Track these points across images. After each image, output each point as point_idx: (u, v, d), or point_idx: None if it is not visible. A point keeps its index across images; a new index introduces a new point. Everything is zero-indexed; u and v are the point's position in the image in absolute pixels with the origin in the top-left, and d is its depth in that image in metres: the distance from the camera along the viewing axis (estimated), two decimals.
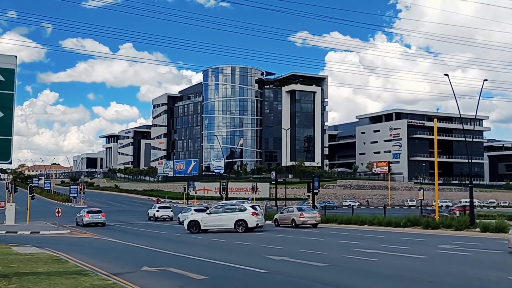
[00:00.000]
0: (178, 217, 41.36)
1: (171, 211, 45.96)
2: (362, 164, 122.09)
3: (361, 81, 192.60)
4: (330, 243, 22.41)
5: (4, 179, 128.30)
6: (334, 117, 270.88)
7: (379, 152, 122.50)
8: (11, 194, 47.83)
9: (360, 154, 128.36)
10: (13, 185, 48.42)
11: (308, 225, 33.27)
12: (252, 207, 29.26)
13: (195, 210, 39.62)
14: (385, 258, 16.32)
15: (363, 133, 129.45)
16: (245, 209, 28.09)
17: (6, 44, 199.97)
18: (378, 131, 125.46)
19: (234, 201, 37.42)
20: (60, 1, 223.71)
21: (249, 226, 27.38)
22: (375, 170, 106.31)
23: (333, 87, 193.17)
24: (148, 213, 47.85)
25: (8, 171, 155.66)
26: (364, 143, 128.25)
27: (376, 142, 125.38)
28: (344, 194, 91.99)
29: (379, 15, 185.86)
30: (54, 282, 11.00)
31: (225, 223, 27.71)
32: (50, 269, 13.37)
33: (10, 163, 11.94)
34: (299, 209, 34.92)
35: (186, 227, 28.10)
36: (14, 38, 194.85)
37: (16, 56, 11.80)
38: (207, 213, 28.55)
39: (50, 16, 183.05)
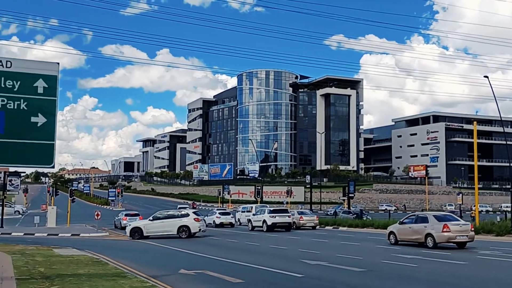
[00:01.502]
0: (204, 220, 41.46)
1: (232, 216, 42.39)
2: (398, 168, 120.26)
3: (398, 84, 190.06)
4: (367, 248, 22.14)
5: (46, 183, 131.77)
6: (369, 121, 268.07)
7: (416, 156, 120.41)
8: (52, 197, 49.10)
9: (397, 157, 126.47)
10: (54, 189, 49.70)
11: (308, 227, 35.91)
12: (195, 213, 29.21)
13: (219, 213, 41.77)
14: (425, 263, 16.03)
15: (399, 136, 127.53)
16: (188, 215, 27.99)
17: (48, 51, 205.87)
18: (415, 134, 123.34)
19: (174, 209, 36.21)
20: (100, 9, 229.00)
21: (192, 231, 27.29)
22: (412, 174, 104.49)
23: (369, 90, 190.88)
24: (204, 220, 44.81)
25: (49, 174, 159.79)
26: (401, 147, 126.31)
27: (413, 145, 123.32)
28: (380, 198, 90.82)
29: (416, 17, 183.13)
30: (95, 284, 11.24)
31: (168, 229, 27.60)
32: (90, 271, 13.66)
33: (53, 167, 12.29)
34: (300, 213, 37.75)
35: (128, 233, 27.98)
36: (56, 46, 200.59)
37: (58, 63, 12.14)
38: (149, 220, 28.38)
39: (90, 24, 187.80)
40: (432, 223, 21.29)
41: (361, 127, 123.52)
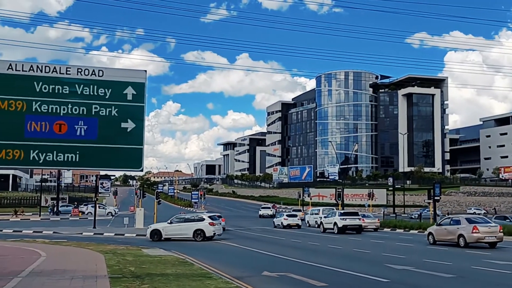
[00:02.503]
0: (273, 221, 44.74)
1: (298, 218, 43.77)
2: (487, 169, 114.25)
3: (486, 81, 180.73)
4: (456, 253, 21.23)
5: (133, 185, 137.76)
6: (455, 120, 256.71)
7: (506, 157, 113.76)
8: (140, 200, 51.18)
9: (485, 159, 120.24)
10: (141, 191, 51.79)
11: (370, 229, 37.06)
12: (211, 217, 29.84)
13: (287, 215, 44.00)
14: None
15: (488, 136, 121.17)
16: (203, 219, 28.74)
17: (135, 60, 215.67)
18: (506, 134, 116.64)
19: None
20: (182, 17, 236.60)
21: (207, 235, 27.99)
22: (502, 176, 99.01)
23: (454, 89, 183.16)
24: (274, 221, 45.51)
25: (136, 177, 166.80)
26: (490, 147, 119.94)
27: (503, 145, 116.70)
28: (468, 202, 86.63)
29: (504, 11, 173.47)
30: (183, 284, 11.59)
31: (184, 232, 28.31)
32: (177, 271, 14.10)
33: (142, 170, 12.83)
34: (362, 215, 38.19)
35: (148, 235, 28.55)
36: (142, 54, 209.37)
37: (145, 71, 12.65)
38: (168, 223, 29.07)
39: (173, 32, 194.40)
40: (464, 224, 23.87)
41: (446, 127, 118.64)
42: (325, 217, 38.31)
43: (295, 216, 44.20)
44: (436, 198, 39.80)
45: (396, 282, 12.93)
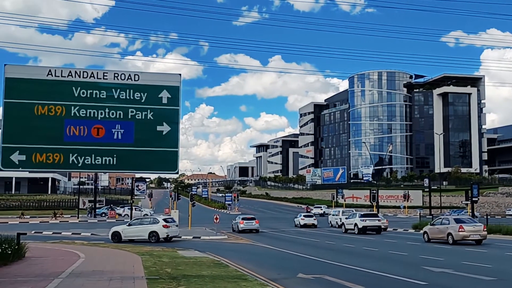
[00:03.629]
0: (294, 221, 47.39)
1: (314, 218, 47.50)
2: None
3: None
4: (496, 255, 20.72)
5: (168, 188, 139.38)
6: (493, 120, 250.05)
7: None
8: (175, 202, 51.71)
9: None
10: (176, 193, 52.30)
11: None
12: (165, 220, 30.70)
13: (304, 215, 47.50)
14: None
15: None
16: (157, 222, 29.88)
17: (169, 64, 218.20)
18: None
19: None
20: (215, 20, 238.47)
21: (160, 237, 29.19)
22: None
23: (491, 88, 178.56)
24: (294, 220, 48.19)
25: (171, 180, 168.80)
26: None
27: None
28: (507, 202, 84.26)
29: None
30: (218, 285, 11.66)
31: (141, 233, 29.46)
32: (213, 272, 14.20)
33: (177, 173, 13.01)
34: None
35: (110, 236, 29.67)
36: (176, 58, 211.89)
37: (180, 75, 12.83)
38: (127, 225, 30.56)
39: (206, 35, 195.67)
40: (452, 224, 26.80)
41: (483, 126, 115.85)
42: (346, 218, 39.84)
43: (311, 216, 48.17)
44: (474, 199, 38.98)
45: (434, 284, 12.71)
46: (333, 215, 48.07)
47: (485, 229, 26.82)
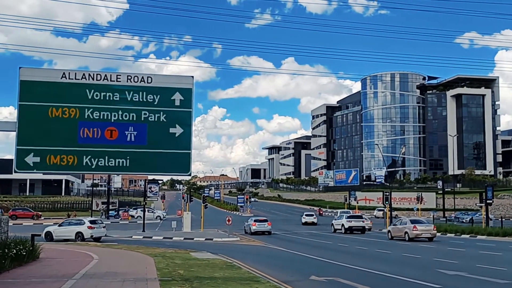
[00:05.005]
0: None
1: (315, 217, 52.22)
2: None
3: None
4: (509, 258, 20.50)
5: (180, 190, 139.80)
6: (508, 121, 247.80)
7: None
8: (187, 204, 51.84)
9: None
10: (189, 195, 52.43)
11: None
12: (91, 221, 33.03)
13: (305, 214, 52.82)
14: None
15: None
16: (83, 223, 32.13)
17: (182, 66, 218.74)
18: None
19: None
20: (228, 23, 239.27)
21: (85, 237, 31.25)
22: None
23: (506, 89, 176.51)
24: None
25: (183, 182, 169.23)
26: None
27: None
28: None
29: None
30: (231, 287, 11.67)
31: (68, 234, 31.63)
32: (225, 274, 14.21)
33: (190, 175, 13.04)
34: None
35: (43, 236, 30.73)
36: (189, 60, 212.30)
37: (192, 77, 12.87)
38: (58, 226, 33.14)
39: (219, 38, 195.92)
40: (408, 224, 31.78)
41: (497, 128, 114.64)
42: (335, 219, 43.44)
43: (312, 215, 53.22)
44: (488, 201, 38.54)
45: (448, 287, 12.63)
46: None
47: (435, 229, 31.97)
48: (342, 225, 40.60)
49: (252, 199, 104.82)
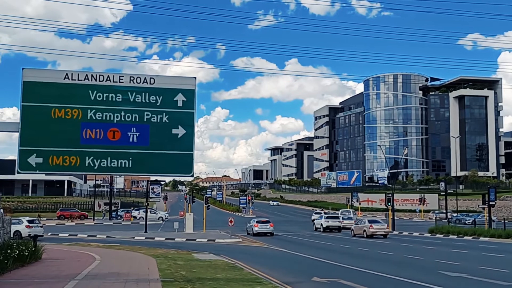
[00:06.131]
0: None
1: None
2: None
3: None
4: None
5: (182, 191, 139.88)
6: (511, 122, 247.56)
7: None
8: (189, 205, 51.86)
9: None
10: (191, 196, 52.46)
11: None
12: (29, 221, 34.10)
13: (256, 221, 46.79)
14: None
15: None
16: (21, 222, 33.38)
17: (186, 67, 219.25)
18: None
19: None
20: (231, 24, 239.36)
21: (23, 235, 31.60)
22: None
23: (509, 90, 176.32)
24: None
25: (185, 183, 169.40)
26: None
27: None
28: None
29: None
30: None
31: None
32: (227, 275, 14.21)
33: (192, 176, 13.05)
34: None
35: None
36: (193, 62, 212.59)
37: (195, 78, 12.88)
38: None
39: (223, 39, 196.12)
40: (366, 223, 36.96)
41: (500, 129, 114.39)
42: (315, 219, 48.35)
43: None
44: (491, 203, 38.44)
45: None
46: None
47: (388, 228, 38.29)
48: (321, 224, 44.71)
49: (275, 203, 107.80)
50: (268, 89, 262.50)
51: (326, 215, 49.71)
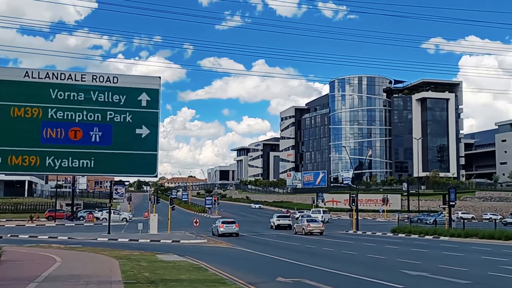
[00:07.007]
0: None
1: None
2: (503, 174, 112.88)
3: (503, 86, 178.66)
4: (472, 259, 21.01)
5: (147, 191, 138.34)
6: (471, 125, 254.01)
7: None
8: (154, 205, 51.35)
9: (501, 163, 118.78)
10: (155, 197, 51.96)
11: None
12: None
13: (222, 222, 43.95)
14: None
15: (503, 141, 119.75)
16: None
17: (151, 67, 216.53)
18: None
19: None
20: (198, 23, 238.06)
21: None
22: None
23: (469, 93, 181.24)
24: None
25: (150, 183, 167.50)
26: (506, 152, 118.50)
27: None
28: (484, 207, 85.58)
29: None
30: None
31: None
32: (191, 276, 14.12)
33: (156, 176, 12.88)
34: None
35: None
36: (159, 61, 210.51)
37: (159, 77, 12.73)
38: None
39: (190, 38, 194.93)
40: (305, 222, 41.30)
41: (461, 131, 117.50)
42: (270, 218, 52.88)
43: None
44: (451, 203, 39.39)
45: (411, 286, 12.85)
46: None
47: (323, 226, 41.86)
48: (273, 222, 49.63)
49: (257, 206, 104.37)
50: (235, 90, 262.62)
51: (278, 214, 54.84)
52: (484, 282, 14.05)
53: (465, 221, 42.32)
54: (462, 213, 75.74)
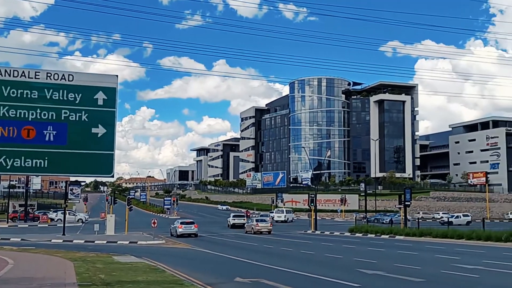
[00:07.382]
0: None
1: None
2: (456, 175, 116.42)
3: (457, 89, 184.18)
4: (426, 257, 21.55)
5: (104, 192, 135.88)
6: (426, 127, 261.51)
7: (475, 162, 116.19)
8: (111, 206, 50.47)
9: (455, 164, 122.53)
10: (112, 197, 51.08)
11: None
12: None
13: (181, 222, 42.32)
14: (487, 274, 15.45)
15: (457, 142, 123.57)
16: None
17: (110, 65, 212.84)
18: (474, 140, 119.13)
19: None
20: (158, 22, 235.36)
21: None
22: (471, 182, 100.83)
23: (425, 96, 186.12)
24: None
25: (107, 183, 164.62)
26: (459, 153, 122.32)
27: (471, 151, 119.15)
28: (438, 207, 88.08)
29: (472, 20, 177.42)
30: None
31: None
32: (148, 278, 13.94)
33: (113, 176, 12.63)
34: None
35: None
36: (118, 59, 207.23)
37: (117, 76, 12.49)
38: None
39: (150, 37, 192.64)
40: (254, 222, 43.19)
41: (416, 133, 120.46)
42: (227, 217, 54.93)
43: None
44: (407, 203, 40.33)
45: (366, 286, 13.05)
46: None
47: (271, 226, 43.45)
48: (229, 221, 52.19)
49: (224, 207, 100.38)
50: (196, 90, 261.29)
51: (233, 214, 56.93)
52: (437, 280, 14.43)
53: (420, 221, 43.38)
54: (423, 213, 77.81)
